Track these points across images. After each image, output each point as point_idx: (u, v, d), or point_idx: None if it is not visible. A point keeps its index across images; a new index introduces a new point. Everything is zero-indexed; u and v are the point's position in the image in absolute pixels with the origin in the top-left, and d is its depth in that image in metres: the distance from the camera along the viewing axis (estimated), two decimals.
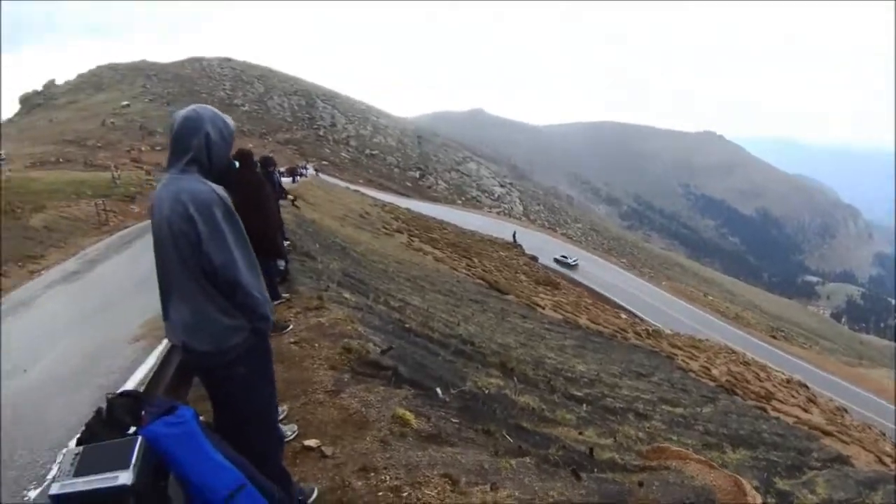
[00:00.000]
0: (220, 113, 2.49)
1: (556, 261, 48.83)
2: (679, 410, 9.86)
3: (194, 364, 2.53)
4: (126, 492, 1.69)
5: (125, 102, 77.24)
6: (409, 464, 3.30)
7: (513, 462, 3.60)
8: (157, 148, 69.80)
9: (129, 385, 5.83)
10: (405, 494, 3.00)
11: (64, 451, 1.86)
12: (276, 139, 78.27)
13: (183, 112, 2.43)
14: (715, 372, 19.68)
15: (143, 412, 1.96)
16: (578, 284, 41.61)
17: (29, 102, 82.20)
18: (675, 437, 7.15)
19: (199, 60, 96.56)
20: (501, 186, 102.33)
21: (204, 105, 2.49)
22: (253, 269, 2.43)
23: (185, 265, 2.32)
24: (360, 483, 3.12)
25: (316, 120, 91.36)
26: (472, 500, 3.01)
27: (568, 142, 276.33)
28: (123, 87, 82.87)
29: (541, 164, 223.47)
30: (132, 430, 1.90)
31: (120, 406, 1.97)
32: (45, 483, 4.03)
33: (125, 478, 1.71)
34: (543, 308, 22.35)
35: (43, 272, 16.15)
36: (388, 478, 3.15)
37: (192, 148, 2.37)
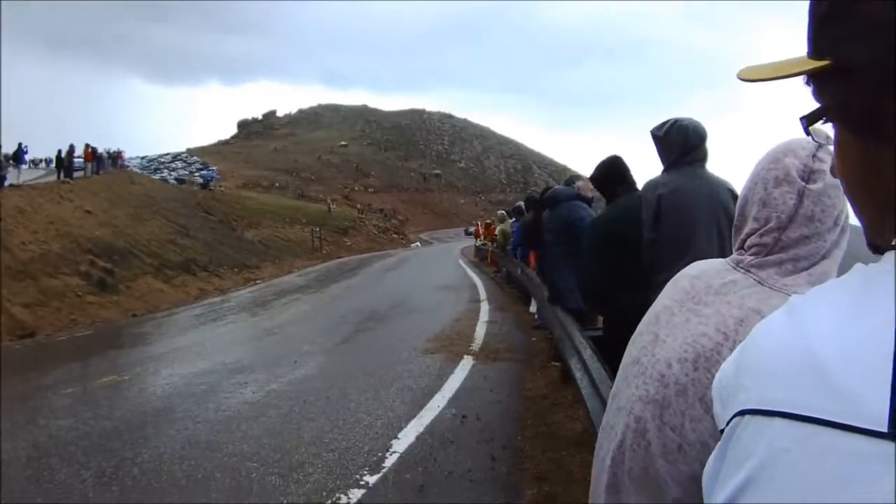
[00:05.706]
0: None
1: None
2: None
3: None
4: None
5: (343, 142, 75.34)
6: None
7: None
8: (370, 190, 65.40)
9: None
10: None
11: None
12: (489, 198, 73.28)
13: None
14: None
15: None
16: None
17: (247, 128, 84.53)
18: None
19: (420, 113, 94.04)
20: None
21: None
22: None
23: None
24: None
25: (530, 185, 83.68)
26: None
27: None
28: (342, 128, 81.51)
29: None
30: None
31: None
32: None
33: None
34: None
35: (258, 282, 17.42)
36: None
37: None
